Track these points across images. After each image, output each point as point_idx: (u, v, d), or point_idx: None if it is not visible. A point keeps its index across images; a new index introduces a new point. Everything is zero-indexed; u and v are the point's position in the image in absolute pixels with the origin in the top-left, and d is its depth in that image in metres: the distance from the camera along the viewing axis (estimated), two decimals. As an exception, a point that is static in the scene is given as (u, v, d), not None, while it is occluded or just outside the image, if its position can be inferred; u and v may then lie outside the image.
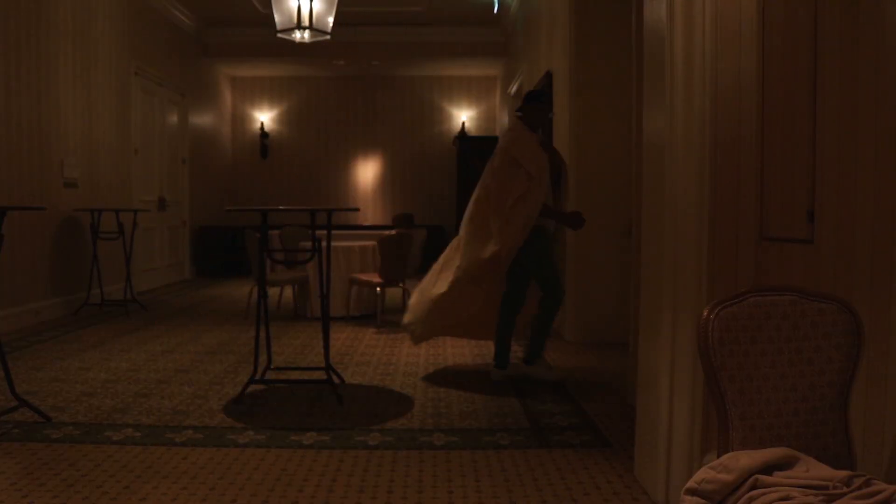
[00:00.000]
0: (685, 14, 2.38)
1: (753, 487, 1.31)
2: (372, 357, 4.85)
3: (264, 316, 3.84)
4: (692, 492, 1.38)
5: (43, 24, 6.12)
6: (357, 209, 4.24)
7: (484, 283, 4.13)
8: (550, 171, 4.15)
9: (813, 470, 1.33)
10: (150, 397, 3.76)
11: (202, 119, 10.41)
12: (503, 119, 10.50)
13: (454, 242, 4.37)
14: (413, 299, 4.41)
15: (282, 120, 11.84)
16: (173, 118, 9.33)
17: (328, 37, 5.75)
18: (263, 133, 11.76)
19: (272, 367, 4.01)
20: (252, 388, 3.84)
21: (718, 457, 1.42)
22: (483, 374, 4.40)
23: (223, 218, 10.84)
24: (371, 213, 11.78)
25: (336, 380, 4.04)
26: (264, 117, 11.80)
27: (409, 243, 6.05)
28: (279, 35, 5.68)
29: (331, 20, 5.70)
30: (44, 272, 6.18)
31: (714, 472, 1.37)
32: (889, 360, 1.56)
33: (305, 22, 5.49)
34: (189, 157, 9.80)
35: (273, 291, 7.55)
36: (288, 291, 7.44)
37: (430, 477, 2.70)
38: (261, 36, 9.59)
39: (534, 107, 4.23)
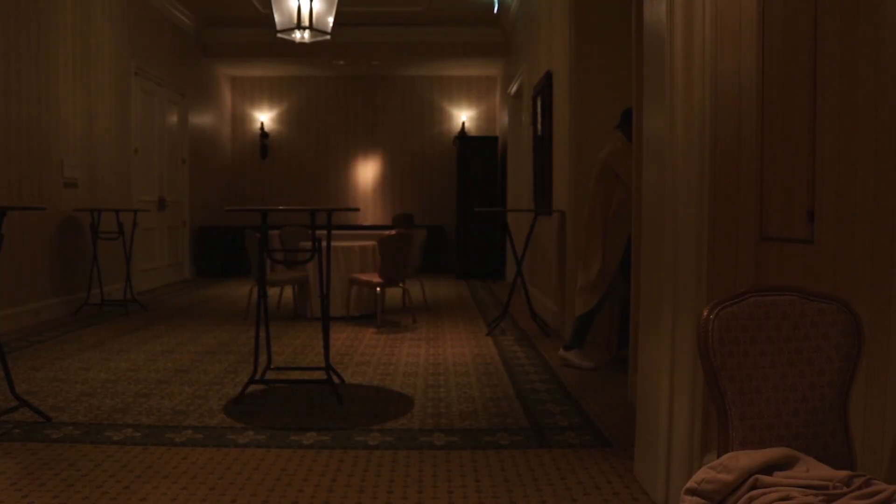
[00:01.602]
0: (685, 14, 2.38)
1: (753, 487, 1.31)
2: (372, 357, 4.85)
3: (264, 316, 3.84)
4: (692, 492, 1.38)
5: (43, 24, 6.12)
6: (357, 209, 4.25)
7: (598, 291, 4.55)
8: None
9: (813, 470, 1.33)
10: (150, 397, 3.76)
11: (202, 119, 10.41)
12: (503, 119, 10.51)
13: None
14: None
15: (282, 120, 11.84)
16: (173, 118, 9.33)
17: (328, 37, 5.75)
18: (263, 133, 11.76)
19: (272, 367, 4.01)
20: (252, 388, 3.84)
21: (718, 457, 1.42)
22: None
23: (223, 218, 10.84)
24: (371, 213, 11.78)
25: (336, 380, 4.04)
26: (264, 117, 11.80)
27: (409, 243, 6.06)
28: (279, 35, 5.68)
29: (331, 20, 5.70)
30: (44, 272, 6.18)
31: (714, 472, 1.37)
32: (889, 360, 1.57)
33: (305, 22, 5.48)
34: (189, 157, 9.80)
35: (273, 291, 7.55)
36: (288, 291, 7.44)
37: (430, 477, 2.70)
38: (261, 36, 9.58)
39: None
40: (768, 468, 1.34)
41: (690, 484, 1.39)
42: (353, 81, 11.71)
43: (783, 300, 1.49)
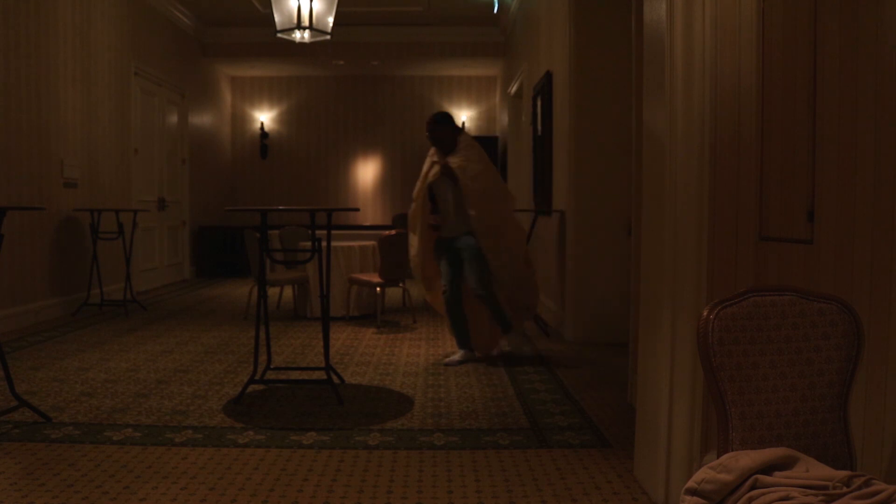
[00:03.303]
0: (685, 14, 2.38)
1: (753, 487, 1.31)
2: (372, 357, 4.85)
3: (264, 316, 3.84)
4: (692, 492, 1.38)
5: (43, 24, 6.12)
6: (357, 209, 4.25)
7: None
8: (449, 187, 4.64)
9: (813, 470, 1.33)
10: (150, 397, 3.76)
11: (202, 119, 10.41)
12: (503, 119, 10.51)
13: None
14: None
15: (282, 120, 11.84)
16: (173, 118, 9.33)
17: (328, 37, 5.75)
18: (263, 133, 11.76)
19: (272, 367, 4.01)
20: (252, 388, 3.84)
21: (718, 457, 1.42)
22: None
23: (223, 218, 10.84)
24: (371, 213, 11.78)
25: (336, 380, 4.04)
26: (264, 117, 11.80)
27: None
28: (279, 35, 5.68)
29: (331, 20, 5.70)
30: (43, 272, 6.18)
31: (714, 472, 1.37)
32: (889, 360, 1.56)
33: (305, 22, 5.49)
34: (189, 157, 9.80)
35: (273, 291, 7.55)
36: (288, 291, 7.44)
37: (430, 477, 2.70)
38: (261, 36, 9.58)
39: (440, 129, 4.72)
40: (768, 468, 1.34)
41: (690, 484, 1.39)
42: (353, 81, 11.71)
43: (783, 300, 1.49)
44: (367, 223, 11.43)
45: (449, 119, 4.72)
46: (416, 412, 3.54)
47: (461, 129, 4.79)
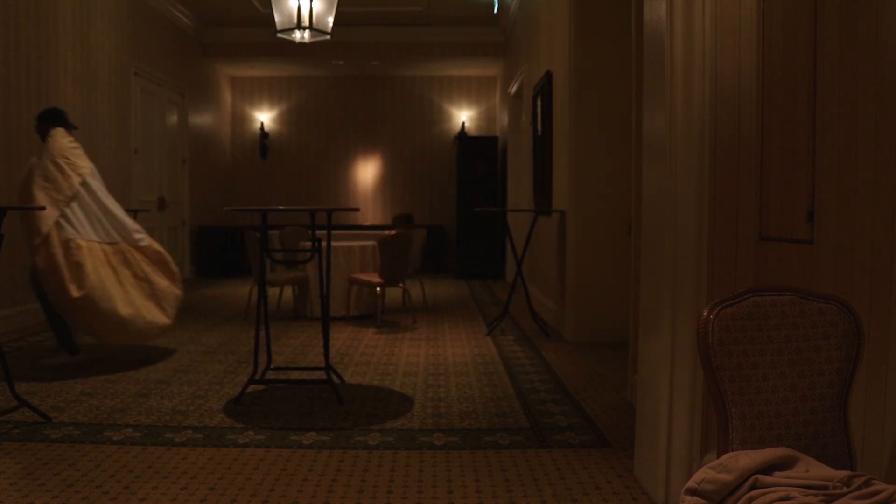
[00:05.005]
0: (685, 14, 2.38)
1: (753, 487, 1.31)
2: (372, 357, 4.85)
3: (264, 316, 3.84)
4: (692, 492, 1.38)
5: (43, 24, 6.12)
6: (357, 209, 4.25)
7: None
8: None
9: (813, 470, 1.33)
10: (150, 397, 3.76)
11: (202, 119, 10.40)
12: (503, 119, 10.51)
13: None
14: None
15: (282, 120, 11.84)
16: (173, 118, 9.33)
17: (328, 37, 5.75)
18: (263, 133, 11.75)
19: (272, 367, 4.01)
20: (252, 388, 3.84)
21: (718, 457, 1.42)
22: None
23: (223, 218, 10.84)
24: (371, 213, 11.77)
25: (336, 380, 4.04)
26: (264, 117, 11.80)
27: (409, 243, 6.06)
28: (279, 35, 5.68)
29: (331, 20, 5.70)
30: (44, 272, 6.17)
31: (714, 472, 1.37)
32: (889, 360, 1.57)
33: (305, 22, 5.48)
34: (189, 157, 9.80)
35: (273, 291, 7.55)
36: (288, 291, 7.44)
37: (430, 477, 2.70)
38: (261, 36, 9.58)
39: (37, 124, 4.60)
40: (768, 468, 1.34)
41: (690, 484, 1.39)
42: (353, 81, 11.70)
43: (783, 300, 1.49)
44: (367, 223, 11.43)
45: (46, 115, 4.56)
46: (416, 412, 3.54)
47: (57, 123, 4.54)
